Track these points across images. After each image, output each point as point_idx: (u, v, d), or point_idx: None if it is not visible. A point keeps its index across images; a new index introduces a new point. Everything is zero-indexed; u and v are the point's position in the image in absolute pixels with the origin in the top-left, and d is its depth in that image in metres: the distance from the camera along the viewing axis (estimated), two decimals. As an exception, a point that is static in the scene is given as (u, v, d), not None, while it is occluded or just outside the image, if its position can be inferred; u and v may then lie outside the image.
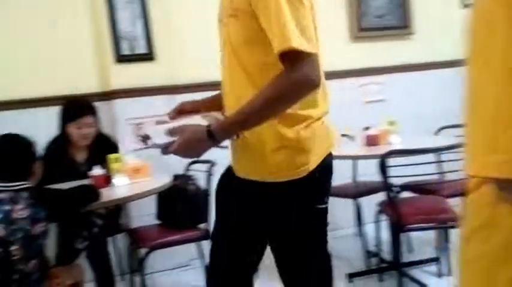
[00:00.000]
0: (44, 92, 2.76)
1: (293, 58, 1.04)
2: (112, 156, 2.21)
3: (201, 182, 2.38)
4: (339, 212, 3.39)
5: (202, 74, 3.10)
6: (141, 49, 2.91)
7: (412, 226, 2.16)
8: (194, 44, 3.09)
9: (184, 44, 3.07)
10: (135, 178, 2.22)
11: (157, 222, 2.45)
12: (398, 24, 3.60)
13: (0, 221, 1.58)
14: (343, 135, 3.19)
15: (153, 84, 2.90)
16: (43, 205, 1.63)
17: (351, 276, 2.53)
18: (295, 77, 1.05)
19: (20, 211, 1.60)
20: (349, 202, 2.91)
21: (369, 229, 2.72)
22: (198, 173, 2.43)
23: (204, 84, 3.11)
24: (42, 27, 2.81)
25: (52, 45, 2.83)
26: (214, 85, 3.06)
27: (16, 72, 2.75)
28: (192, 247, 2.69)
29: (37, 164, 1.76)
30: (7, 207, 1.60)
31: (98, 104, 2.50)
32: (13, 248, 1.55)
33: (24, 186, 1.65)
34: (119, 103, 2.85)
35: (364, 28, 3.50)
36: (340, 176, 3.17)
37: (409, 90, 3.61)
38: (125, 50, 2.87)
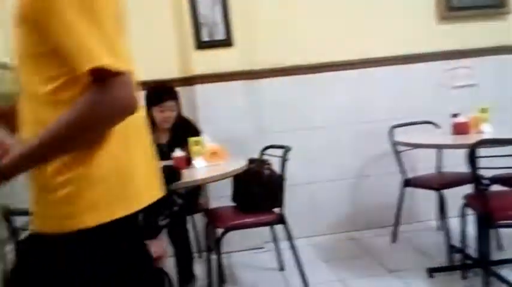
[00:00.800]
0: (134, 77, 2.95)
1: (101, 78, 0.83)
2: (192, 139, 2.30)
3: (276, 167, 2.39)
4: (420, 203, 3.25)
5: (280, 59, 3.11)
6: (220, 35, 2.97)
7: (502, 221, 1.99)
8: (272, 29, 3.09)
9: (262, 30, 3.08)
10: (212, 161, 2.29)
11: (232, 204, 2.52)
12: (493, 2, 3.28)
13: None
14: (428, 122, 3.01)
15: (232, 69, 2.96)
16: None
17: (432, 271, 2.41)
18: (104, 100, 0.84)
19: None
20: (431, 194, 2.76)
21: (453, 222, 2.55)
22: (273, 158, 2.45)
23: (282, 69, 3.12)
24: (130, 17, 2.98)
25: (139, 34, 2.98)
26: (292, 70, 3.10)
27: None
28: (266, 230, 2.74)
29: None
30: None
31: (180, 89, 2.61)
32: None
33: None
34: (199, 88, 2.95)
35: (454, 7, 3.24)
36: (424, 165, 3.03)
37: (503, 75, 3.29)
38: (205, 36, 2.95)
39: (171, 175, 1.94)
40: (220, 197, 2.70)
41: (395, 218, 2.97)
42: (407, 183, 2.89)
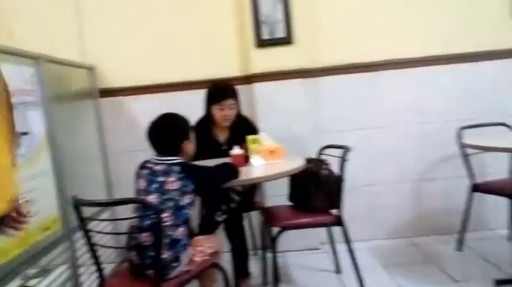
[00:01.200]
0: (195, 75, 3.03)
1: None
2: (251, 137, 2.31)
3: (334, 167, 2.34)
4: (490, 210, 3.04)
5: (341, 57, 3.05)
6: (280, 33, 2.96)
7: None
8: (333, 27, 3.04)
9: (323, 27, 3.04)
10: (270, 159, 2.29)
11: (289, 203, 2.51)
12: None
13: (155, 190, 1.80)
14: (502, 124, 2.81)
15: (291, 68, 2.94)
16: (191, 179, 1.80)
17: (500, 283, 2.25)
18: None
19: (172, 183, 1.79)
20: (502, 200, 2.57)
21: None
22: (332, 158, 2.40)
23: (342, 67, 3.05)
24: (193, 16, 3.07)
25: (200, 33, 3.07)
26: (352, 68, 3.03)
27: (171, 57, 3.07)
28: (322, 231, 2.70)
29: (189, 143, 1.94)
30: (161, 178, 1.80)
31: (239, 87, 2.63)
32: (164, 215, 1.74)
33: (177, 161, 1.84)
34: (258, 86, 2.96)
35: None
36: (495, 170, 2.83)
37: None
38: (265, 35, 2.95)
39: (230, 172, 1.98)
40: (276, 196, 2.70)
41: (461, 225, 2.80)
42: (476, 188, 2.71)
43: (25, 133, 2.03)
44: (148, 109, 2.73)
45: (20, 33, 2.93)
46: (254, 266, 2.68)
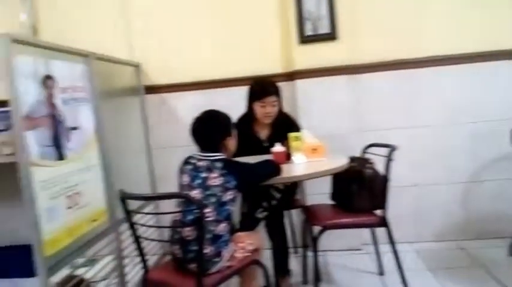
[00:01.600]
0: (237, 72, 3.04)
1: None
2: (292, 134, 2.29)
3: (379, 167, 2.28)
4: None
5: (386, 53, 2.96)
6: (324, 29, 2.91)
7: None
8: (377, 22, 2.95)
9: (367, 23, 2.96)
10: (312, 157, 2.26)
11: (330, 202, 2.47)
12: None
13: (198, 186, 1.82)
14: None
15: (334, 64, 2.88)
16: (233, 176, 1.81)
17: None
18: None
19: (214, 179, 1.80)
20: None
21: None
22: (376, 157, 2.33)
23: (387, 63, 2.96)
24: (236, 13, 3.08)
25: (244, 30, 3.08)
26: (398, 64, 2.93)
27: (214, 55, 3.10)
28: (365, 231, 2.64)
29: (231, 139, 1.95)
30: (204, 174, 1.82)
31: (281, 84, 2.61)
32: (207, 210, 1.76)
33: (219, 157, 1.85)
34: (300, 83, 2.93)
35: None
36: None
37: None
38: (308, 31, 2.91)
39: (272, 169, 1.97)
40: (317, 194, 2.67)
41: (514, 230, 2.65)
42: (532, 191, 2.55)
43: (75, 128, 2.11)
44: (191, 106, 2.79)
45: (71, 31, 3.05)
46: (294, 264, 2.66)
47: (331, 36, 2.90)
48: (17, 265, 2.96)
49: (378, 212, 2.25)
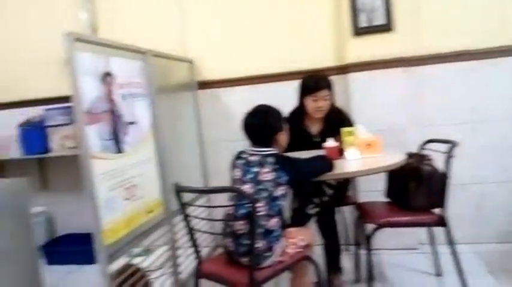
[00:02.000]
0: (289, 66, 3.02)
1: None
2: (346, 129, 2.24)
3: (438, 163, 2.17)
4: None
5: (445, 44, 2.81)
6: (379, 20, 2.81)
7: None
8: (436, 12, 2.81)
9: (425, 13, 2.82)
10: (366, 153, 2.20)
11: (385, 199, 2.39)
12: None
13: (249, 180, 1.82)
14: None
15: (390, 56, 2.78)
16: (285, 171, 1.79)
17: None
18: None
19: (266, 174, 1.80)
20: None
21: None
22: (435, 154, 2.22)
23: (446, 55, 2.81)
24: (287, 7, 3.05)
25: (296, 23, 3.04)
26: (458, 55, 2.77)
27: (265, 50, 3.09)
28: (421, 230, 2.53)
29: (283, 134, 1.93)
30: (256, 169, 1.82)
31: (333, 78, 2.56)
32: (259, 205, 1.76)
33: (271, 152, 1.84)
34: (354, 77, 2.85)
35: None
36: None
37: None
38: (363, 22, 2.82)
39: (325, 165, 1.93)
40: (371, 191, 2.59)
41: None
42: None
43: (132, 123, 2.19)
44: (243, 100, 2.80)
45: (129, 29, 3.16)
46: (346, 261, 2.61)
47: (386, 27, 2.79)
48: (78, 252, 3.13)
49: (436, 210, 2.15)
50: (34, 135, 3.21)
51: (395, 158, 2.09)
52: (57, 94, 3.23)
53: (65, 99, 2.61)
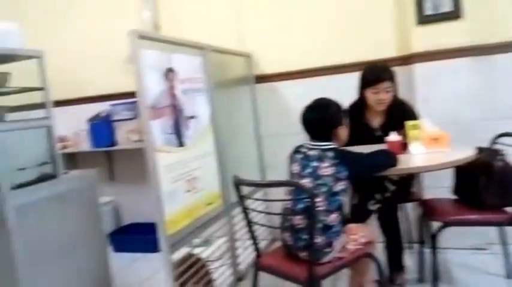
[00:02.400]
0: (348, 58, 2.94)
1: None
2: (410, 122, 2.14)
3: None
4: None
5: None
6: (446, 7, 2.65)
7: None
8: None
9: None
10: (432, 147, 2.09)
11: (452, 197, 2.26)
12: None
13: (308, 175, 1.80)
14: None
15: (458, 45, 2.62)
16: (345, 166, 1.75)
17: None
18: None
19: (325, 169, 1.76)
20: None
21: None
22: (510, 148, 2.07)
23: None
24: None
25: (356, 14, 2.95)
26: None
27: (323, 41, 3.03)
28: (490, 230, 2.38)
29: (343, 128, 1.89)
30: (315, 163, 1.80)
31: (396, 69, 2.45)
32: (318, 199, 1.73)
33: (330, 146, 1.81)
34: (419, 67, 2.72)
35: None
36: None
37: None
38: (428, 10, 2.68)
39: (388, 160, 1.87)
40: (436, 187, 2.47)
41: None
42: None
43: (193, 117, 2.24)
44: (300, 94, 2.77)
45: (188, 25, 3.24)
46: (409, 260, 2.51)
47: (454, 14, 2.63)
48: (142, 240, 3.28)
49: (509, 209, 2.00)
50: (102, 129, 3.40)
51: (464, 153, 1.97)
52: (123, 90, 3.39)
53: (130, 95, 2.73)
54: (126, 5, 3.43)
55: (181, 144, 2.10)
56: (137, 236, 3.41)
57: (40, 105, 2.15)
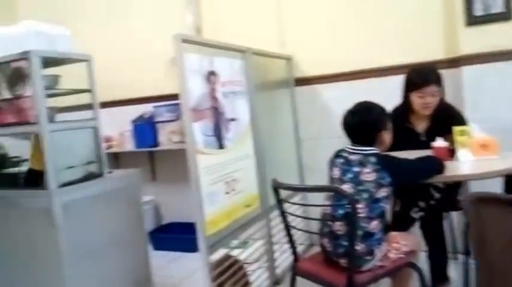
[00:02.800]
0: (392, 60, 2.86)
1: None
2: (458, 128, 2.05)
3: None
4: None
5: None
6: (497, 8, 2.54)
7: None
8: None
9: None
10: (480, 154, 2.00)
11: (502, 206, 2.15)
12: None
13: (349, 180, 1.76)
14: None
15: (510, 47, 2.49)
16: (388, 172, 1.70)
17: None
18: None
19: (367, 174, 1.72)
20: None
21: None
22: None
23: None
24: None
25: (401, 14, 2.87)
26: None
27: (366, 42, 2.97)
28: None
29: (386, 132, 1.84)
30: (356, 169, 1.76)
31: (443, 72, 2.36)
32: (359, 206, 1.69)
33: (373, 151, 1.76)
34: (467, 70, 2.61)
35: None
36: None
37: None
38: (478, 11, 2.57)
39: (435, 167, 1.80)
40: (485, 196, 2.35)
41: None
42: None
43: (233, 119, 2.26)
44: (341, 97, 2.72)
45: (229, 29, 3.27)
46: (453, 271, 2.41)
47: (505, 15, 2.52)
48: (182, 240, 3.34)
49: None
50: (145, 130, 3.49)
51: (515, 160, 1.86)
52: (166, 92, 3.46)
53: (173, 97, 2.79)
54: (170, 8, 3.51)
55: (221, 146, 2.12)
56: (177, 236, 3.48)
57: (87, 107, 2.24)
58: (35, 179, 1.99)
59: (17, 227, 2.04)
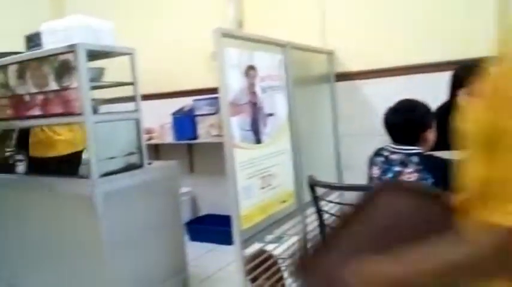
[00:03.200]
0: (438, 56, 2.75)
1: None
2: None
3: None
4: None
5: None
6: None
7: None
8: None
9: None
10: None
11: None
12: None
13: (389, 180, 1.71)
14: None
15: None
16: (431, 173, 1.63)
17: None
18: None
19: (408, 175, 1.66)
20: None
21: None
22: None
23: None
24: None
25: (445, 7, 2.74)
26: None
27: (412, 37, 2.86)
28: None
29: (431, 132, 1.76)
30: (397, 168, 1.70)
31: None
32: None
33: (415, 151, 1.70)
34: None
35: None
36: None
37: None
38: (535, 3, 2.41)
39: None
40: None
41: None
42: None
43: (271, 114, 2.25)
44: (384, 93, 2.65)
45: (270, 22, 3.25)
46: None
47: None
48: (217, 232, 3.38)
49: None
50: (185, 123, 3.55)
51: None
52: (206, 86, 3.50)
53: (212, 90, 2.81)
54: (211, 2, 3.54)
55: (258, 141, 2.12)
56: (212, 227, 3.52)
57: (130, 99, 2.30)
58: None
59: (60, 213, 2.13)
